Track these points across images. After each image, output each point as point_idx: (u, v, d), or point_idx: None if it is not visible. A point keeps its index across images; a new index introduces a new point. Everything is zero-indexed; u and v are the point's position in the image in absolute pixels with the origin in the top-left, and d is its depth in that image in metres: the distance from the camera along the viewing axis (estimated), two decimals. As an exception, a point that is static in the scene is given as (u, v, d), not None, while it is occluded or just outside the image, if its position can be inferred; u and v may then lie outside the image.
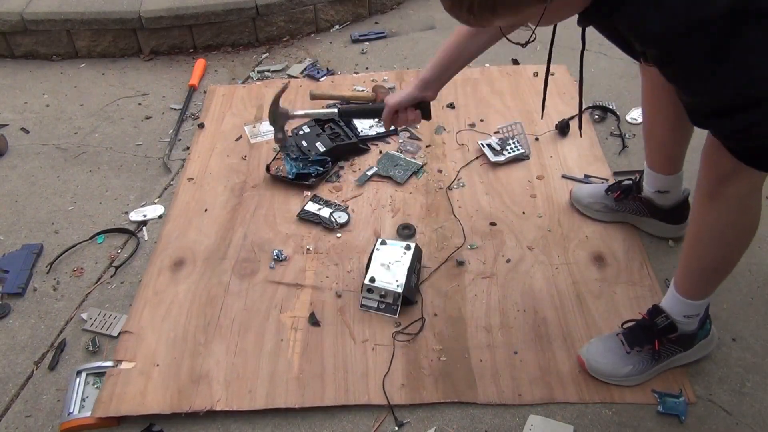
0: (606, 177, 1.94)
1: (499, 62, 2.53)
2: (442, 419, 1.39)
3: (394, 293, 1.56)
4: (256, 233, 1.83)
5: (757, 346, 1.51)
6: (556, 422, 1.37)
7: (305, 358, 1.51)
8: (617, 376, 1.41)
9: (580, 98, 1.39)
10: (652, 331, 1.38)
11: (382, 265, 1.60)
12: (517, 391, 1.42)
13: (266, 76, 2.56)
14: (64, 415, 1.42)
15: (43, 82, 2.61)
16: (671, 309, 1.37)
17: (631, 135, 2.15)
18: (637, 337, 1.41)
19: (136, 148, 2.23)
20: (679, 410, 1.36)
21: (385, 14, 2.95)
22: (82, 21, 2.63)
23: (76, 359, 1.56)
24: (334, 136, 2.09)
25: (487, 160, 2.03)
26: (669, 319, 1.36)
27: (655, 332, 1.38)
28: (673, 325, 1.36)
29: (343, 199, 1.92)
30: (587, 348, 1.45)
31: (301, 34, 2.82)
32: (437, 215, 1.86)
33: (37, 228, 1.93)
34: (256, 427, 1.40)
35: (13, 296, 1.72)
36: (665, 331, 1.37)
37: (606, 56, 2.54)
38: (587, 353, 1.44)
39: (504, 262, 1.71)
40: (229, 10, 2.65)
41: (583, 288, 1.64)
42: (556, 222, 1.82)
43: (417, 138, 2.15)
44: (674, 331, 1.36)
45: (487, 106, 2.27)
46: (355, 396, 1.43)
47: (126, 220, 1.94)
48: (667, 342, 1.38)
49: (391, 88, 2.37)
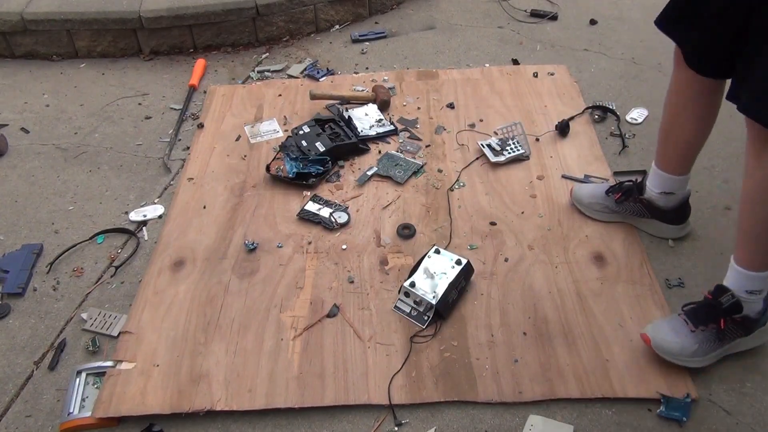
0: (606, 177, 1.94)
1: (499, 62, 2.53)
2: (442, 419, 1.39)
3: (427, 303, 1.55)
4: (256, 233, 1.83)
5: (757, 346, 1.51)
6: (556, 422, 1.37)
7: (305, 357, 1.51)
8: (684, 354, 1.40)
9: None
10: (716, 309, 1.38)
11: (426, 272, 1.59)
12: (517, 389, 1.42)
13: (266, 76, 2.56)
14: (64, 415, 1.42)
15: (43, 82, 2.61)
16: (734, 285, 1.37)
17: (631, 135, 2.15)
18: (700, 316, 1.41)
19: (136, 148, 2.23)
20: (682, 412, 1.35)
21: (385, 14, 2.95)
22: (82, 21, 2.63)
23: (76, 359, 1.56)
24: (334, 136, 2.09)
25: (487, 161, 2.03)
26: (734, 297, 1.36)
27: (720, 311, 1.37)
28: (738, 304, 1.36)
29: (343, 199, 1.92)
30: (653, 327, 1.44)
31: (301, 34, 2.82)
32: (437, 215, 1.86)
33: (37, 228, 1.93)
34: (256, 426, 1.40)
35: (13, 296, 1.72)
36: (731, 310, 1.37)
37: (606, 56, 2.55)
38: (653, 331, 1.43)
39: (503, 261, 1.71)
40: (229, 10, 2.65)
41: (583, 287, 1.64)
42: (556, 222, 1.82)
43: (417, 138, 2.15)
44: (740, 310, 1.36)
45: (487, 106, 2.27)
46: (355, 396, 1.43)
47: (126, 220, 1.94)
48: (732, 323, 1.38)
49: (390, 88, 2.37)
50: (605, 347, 1.50)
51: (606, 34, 2.70)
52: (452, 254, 1.63)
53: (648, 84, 2.40)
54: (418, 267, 1.61)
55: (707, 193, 1.92)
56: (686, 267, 1.71)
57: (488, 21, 2.85)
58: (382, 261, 1.74)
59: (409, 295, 1.57)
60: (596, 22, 2.78)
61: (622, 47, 2.61)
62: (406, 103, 2.31)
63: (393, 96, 2.34)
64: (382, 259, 1.74)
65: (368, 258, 1.75)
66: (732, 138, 2.13)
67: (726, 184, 1.96)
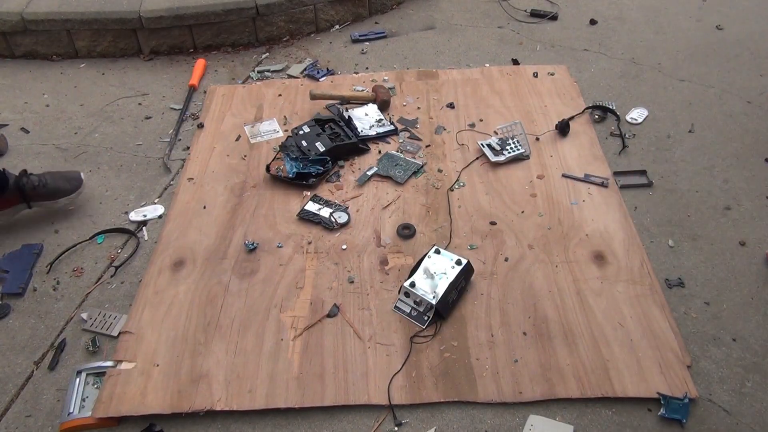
0: (606, 176, 1.94)
1: (499, 62, 2.53)
2: (442, 419, 1.39)
3: (427, 303, 1.55)
4: (257, 233, 1.83)
5: (757, 346, 1.51)
6: (556, 422, 1.37)
7: (305, 357, 1.51)
8: None
9: None
10: None
11: (427, 272, 1.59)
12: (517, 389, 1.42)
13: (266, 76, 2.56)
14: (64, 415, 1.42)
15: (43, 82, 2.60)
16: None
17: (631, 135, 2.15)
18: None
19: (136, 148, 2.23)
20: (682, 413, 1.35)
21: (385, 14, 2.95)
22: (82, 21, 2.63)
23: (76, 359, 1.56)
24: (334, 136, 2.09)
25: (486, 160, 2.03)
26: None
27: None
28: None
29: (343, 199, 1.92)
30: None
31: (301, 34, 2.82)
32: (437, 215, 1.86)
33: (37, 228, 1.93)
34: (256, 426, 1.40)
35: (13, 296, 1.72)
36: None
37: (606, 56, 2.55)
38: None
39: (504, 261, 1.71)
40: (229, 10, 2.65)
41: (583, 285, 1.64)
42: (556, 221, 1.82)
43: (417, 138, 2.15)
44: None
45: (487, 106, 2.27)
46: (355, 396, 1.43)
47: (126, 220, 1.94)
48: None
49: (391, 88, 2.37)
50: (605, 347, 1.49)
51: (606, 34, 2.70)
52: (452, 254, 1.63)
53: (648, 84, 2.40)
54: (418, 267, 1.61)
55: (707, 193, 1.92)
56: (686, 267, 1.71)
57: (488, 21, 2.85)
58: (382, 261, 1.74)
59: (409, 295, 1.57)
60: (596, 22, 2.78)
61: (622, 47, 2.61)
62: (406, 103, 2.31)
63: (393, 96, 2.34)
64: (382, 259, 1.74)
65: (368, 258, 1.75)
66: (732, 138, 2.13)
67: (726, 184, 1.96)
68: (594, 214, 1.83)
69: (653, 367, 1.45)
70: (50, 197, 1.85)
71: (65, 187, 1.87)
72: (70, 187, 1.87)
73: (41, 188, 1.83)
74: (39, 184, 1.82)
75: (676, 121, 2.21)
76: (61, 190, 1.86)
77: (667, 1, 2.93)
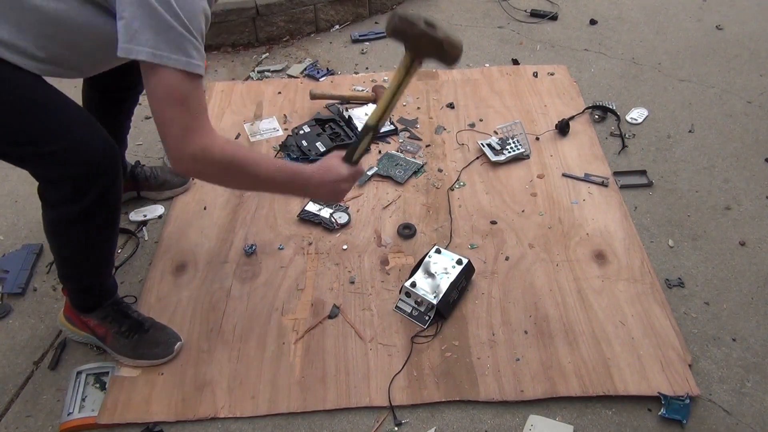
0: (606, 176, 1.94)
1: (499, 62, 2.53)
2: (442, 419, 1.39)
3: (428, 303, 1.54)
4: (257, 235, 1.83)
5: (757, 346, 1.51)
6: (556, 422, 1.37)
7: (307, 360, 1.50)
8: None
9: None
10: None
11: (427, 272, 1.59)
12: (518, 388, 1.42)
13: (266, 76, 2.56)
14: (64, 415, 1.41)
15: (43, 82, 2.60)
16: None
17: (630, 135, 2.15)
18: None
19: (136, 148, 2.23)
20: (683, 414, 1.36)
21: (385, 14, 2.95)
22: (81, 21, 2.63)
23: (76, 359, 1.56)
24: (334, 136, 2.09)
25: (487, 160, 2.03)
26: None
27: None
28: None
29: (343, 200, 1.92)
30: None
31: (301, 34, 2.82)
32: (438, 215, 1.86)
33: (37, 228, 1.93)
34: (257, 427, 1.40)
35: (13, 296, 1.72)
36: None
37: (606, 56, 2.55)
38: None
39: (504, 260, 1.71)
40: (229, 10, 2.64)
41: (584, 284, 1.64)
42: (556, 220, 1.82)
43: (417, 138, 2.15)
44: None
45: (486, 106, 2.27)
46: (356, 398, 1.42)
47: (126, 220, 1.94)
48: None
49: (391, 88, 2.37)
50: (606, 345, 1.50)
51: (606, 34, 2.70)
52: (453, 254, 1.63)
53: (648, 84, 2.40)
54: (419, 267, 1.61)
55: (707, 193, 1.93)
56: (686, 267, 1.71)
57: (488, 21, 2.85)
58: (383, 261, 1.74)
59: (410, 295, 1.57)
60: (596, 22, 2.78)
61: (622, 47, 2.61)
62: (406, 103, 2.31)
63: (393, 96, 2.34)
64: (382, 259, 1.74)
65: (369, 258, 1.74)
66: (732, 138, 2.13)
67: (726, 184, 1.96)
68: (594, 214, 1.83)
69: (655, 365, 1.45)
70: (158, 188, 1.96)
71: (173, 180, 1.97)
72: (177, 181, 1.98)
73: (152, 179, 1.94)
74: (150, 175, 1.94)
75: (676, 121, 2.21)
76: (169, 183, 1.96)
77: (667, 1, 2.94)
